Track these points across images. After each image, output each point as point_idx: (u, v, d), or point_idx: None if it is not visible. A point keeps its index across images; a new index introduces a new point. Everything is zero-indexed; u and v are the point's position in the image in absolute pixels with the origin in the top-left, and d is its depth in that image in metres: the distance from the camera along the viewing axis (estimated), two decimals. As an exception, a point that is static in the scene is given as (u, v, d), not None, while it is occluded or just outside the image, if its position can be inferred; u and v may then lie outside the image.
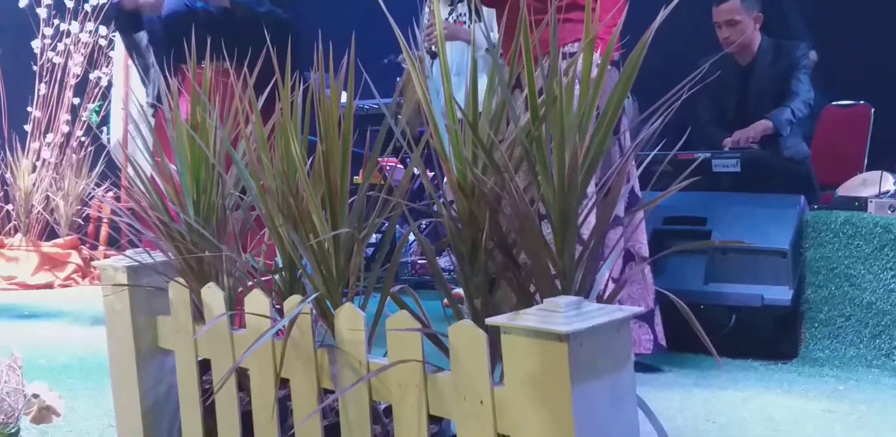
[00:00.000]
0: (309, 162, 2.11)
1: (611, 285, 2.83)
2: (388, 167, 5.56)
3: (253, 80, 2.34)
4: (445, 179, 1.86)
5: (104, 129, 6.16)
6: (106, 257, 5.83)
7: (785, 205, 3.80)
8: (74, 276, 5.76)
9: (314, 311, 2.03)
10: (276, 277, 2.20)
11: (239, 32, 3.77)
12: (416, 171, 4.78)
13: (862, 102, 5.28)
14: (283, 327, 2.01)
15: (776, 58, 4.88)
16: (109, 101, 6.12)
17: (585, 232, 1.82)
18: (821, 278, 3.63)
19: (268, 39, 2.22)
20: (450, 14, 4.78)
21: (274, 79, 2.29)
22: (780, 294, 3.55)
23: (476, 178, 1.81)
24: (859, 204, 3.79)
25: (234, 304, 2.28)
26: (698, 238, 3.74)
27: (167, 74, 3.98)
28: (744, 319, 3.62)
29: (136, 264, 2.41)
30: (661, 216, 3.91)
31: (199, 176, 2.33)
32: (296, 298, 2.04)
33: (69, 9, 6.10)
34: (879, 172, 4.21)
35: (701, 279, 3.66)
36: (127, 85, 5.95)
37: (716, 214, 3.85)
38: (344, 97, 2.11)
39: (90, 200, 6.08)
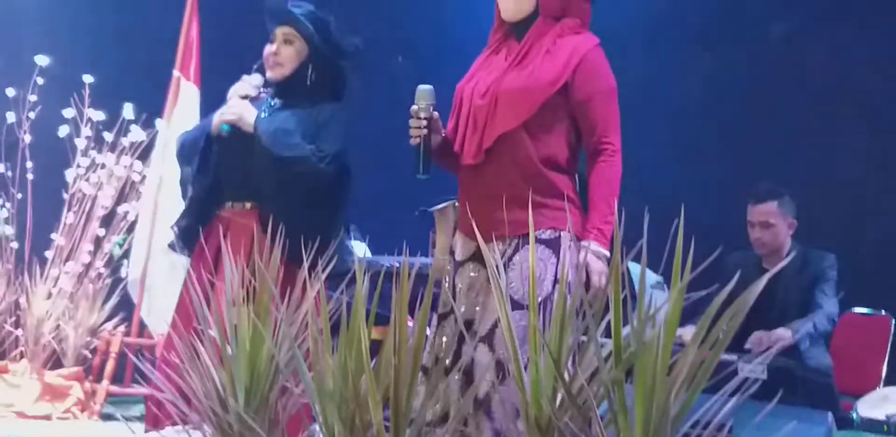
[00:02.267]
0: (372, 363, 2.10)
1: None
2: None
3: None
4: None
5: (124, 262, 6.16)
6: (109, 393, 5.74)
7: (813, 421, 3.76)
8: (74, 409, 5.66)
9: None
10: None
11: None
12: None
13: (883, 312, 5.30)
14: None
15: (804, 266, 4.90)
16: (133, 235, 6.13)
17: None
18: (846, 503, 3.58)
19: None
20: None
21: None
22: (804, 517, 3.49)
23: (554, 413, 1.80)
24: (888, 428, 3.76)
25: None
26: (722, 447, 3.68)
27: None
28: None
29: (177, 445, 2.38)
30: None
31: (256, 365, 2.31)
32: (345, 510, 2.00)
33: (107, 142, 6.18)
34: (902, 390, 4.21)
35: (722, 492, 3.59)
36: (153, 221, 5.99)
37: (741, 422, 3.80)
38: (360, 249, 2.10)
39: (100, 332, 6.03)
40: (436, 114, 3.28)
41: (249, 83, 3.94)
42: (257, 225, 3.69)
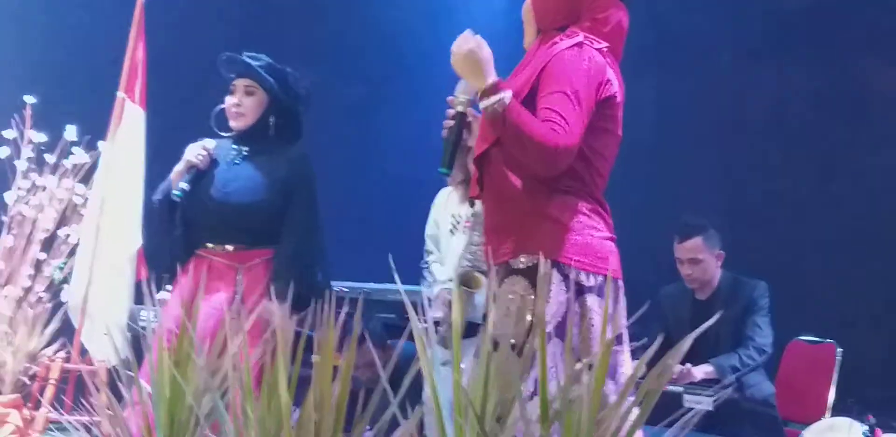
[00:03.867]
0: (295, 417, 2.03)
1: None
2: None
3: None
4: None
5: (64, 286, 6.04)
6: (49, 420, 5.62)
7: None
8: (11, 437, 5.55)
9: None
10: None
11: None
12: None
13: (829, 340, 5.30)
14: None
15: (735, 295, 4.91)
16: (75, 259, 6.01)
17: None
18: None
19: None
20: None
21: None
22: None
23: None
24: (832, 460, 3.75)
25: None
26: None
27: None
28: None
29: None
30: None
31: (175, 415, 2.24)
32: None
33: (49, 164, 6.05)
34: (848, 420, 4.20)
35: None
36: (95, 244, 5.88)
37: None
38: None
39: (40, 358, 5.89)
40: (472, 112, 3.09)
41: (203, 147, 4.18)
42: (241, 268, 4.14)
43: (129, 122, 6.04)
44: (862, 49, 6.07)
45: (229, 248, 4.14)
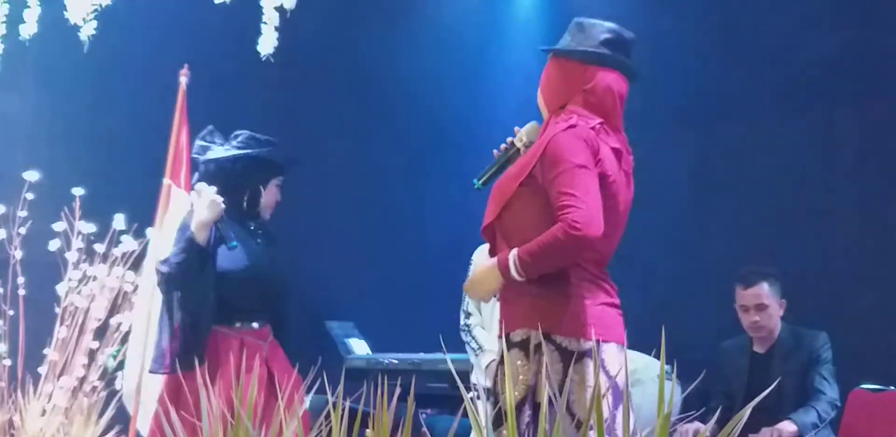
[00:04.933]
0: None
1: None
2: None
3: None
4: None
5: (119, 373, 6.07)
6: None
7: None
8: None
9: None
10: None
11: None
12: None
13: (892, 387, 5.20)
14: None
15: (796, 347, 4.83)
16: (127, 346, 6.05)
17: None
18: None
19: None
20: None
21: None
22: None
23: None
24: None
25: None
26: None
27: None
28: None
29: None
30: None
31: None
32: None
33: (99, 254, 6.14)
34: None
35: None
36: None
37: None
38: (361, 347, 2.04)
39: (96, 447, 5.93)
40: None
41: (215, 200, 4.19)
42: (265, 344, 4.26)
43: (176, 207, 6.11)
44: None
45: (255, 325, 4.21)
